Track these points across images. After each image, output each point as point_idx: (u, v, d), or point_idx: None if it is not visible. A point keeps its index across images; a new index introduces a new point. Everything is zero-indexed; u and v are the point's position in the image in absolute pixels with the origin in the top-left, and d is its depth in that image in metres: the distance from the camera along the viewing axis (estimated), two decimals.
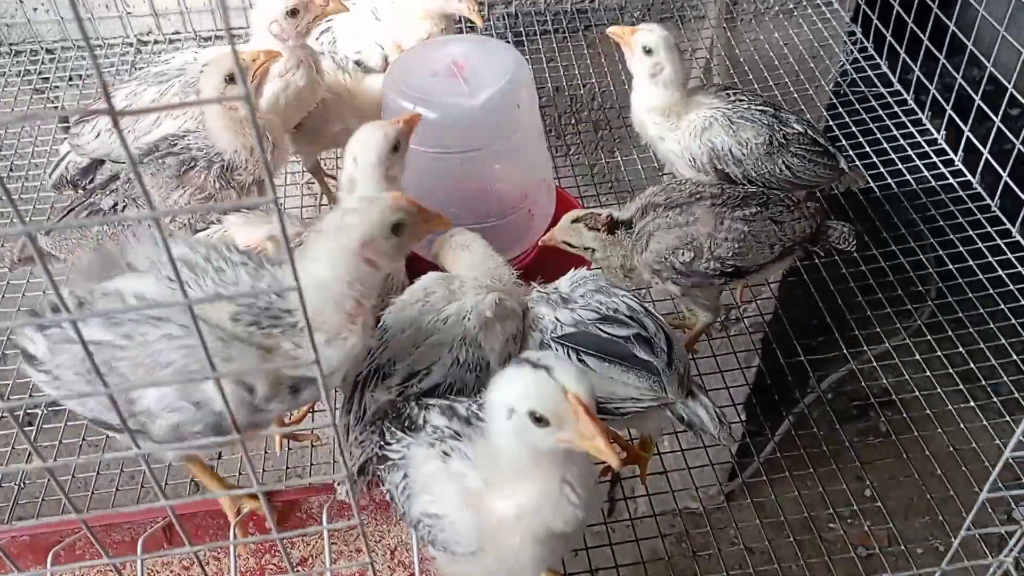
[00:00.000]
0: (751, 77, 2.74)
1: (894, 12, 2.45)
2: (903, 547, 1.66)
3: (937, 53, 2.28)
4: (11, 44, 2.73)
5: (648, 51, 1.91)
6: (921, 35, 2.33)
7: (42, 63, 2.71)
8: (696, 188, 1.85)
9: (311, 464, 1.93)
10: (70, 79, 2.68)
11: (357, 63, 2.18)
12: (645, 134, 2.04)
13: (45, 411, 1.95)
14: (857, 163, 2.30)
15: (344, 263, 1.22)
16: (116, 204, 1.84)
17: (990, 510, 1.47)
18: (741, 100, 1.97)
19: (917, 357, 1.95)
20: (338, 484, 1.50)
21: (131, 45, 2.74)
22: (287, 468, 1.96)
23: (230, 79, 1.77)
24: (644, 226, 1.80)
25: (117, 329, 1.21)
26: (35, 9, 2.68)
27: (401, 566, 1.57)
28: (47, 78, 2.70)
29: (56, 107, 2.70)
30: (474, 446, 1.19)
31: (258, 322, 1.21)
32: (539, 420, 1.03)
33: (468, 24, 2.68)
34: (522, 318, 1.56)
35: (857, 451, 1.88)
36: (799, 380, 2.06)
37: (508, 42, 2.53)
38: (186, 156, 1.85)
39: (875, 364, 2.03)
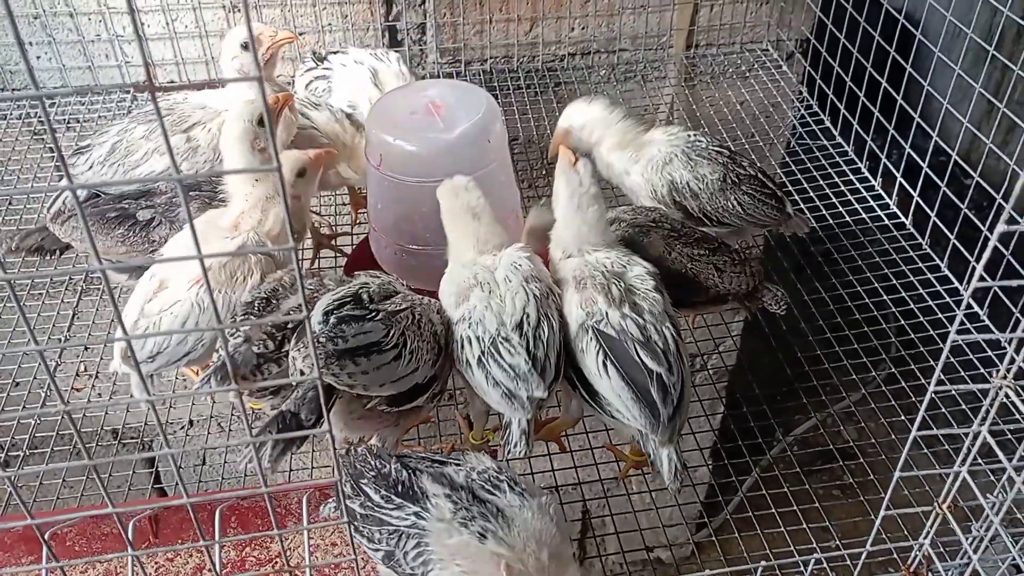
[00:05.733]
0: (709, 132, 2.96)
1: (834, 73, 2.68)
2: None
3: (872, 108, 2.50)
4: (13, 89, 2.89)
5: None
6: (858, 92, 2.55)
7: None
8: (660, 216, 1.99)
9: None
10: (67, 123, 2.84)
11: (348, 115, 2.28)
12: (613, 175, 2.21)
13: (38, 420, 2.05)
14: (803, 208, 2.49)
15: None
16: (152, 220, 1.93)
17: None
18: (700, 140, 2.16)
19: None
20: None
21: (127, 92, 2.91)
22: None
23: (260, 121, 1.84)
24: None
25: None
26: (38, 57, 2.85)
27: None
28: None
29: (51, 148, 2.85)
30: (509, 532, 1.30)
31: None
32: None
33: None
34: None
35: (822, 502, 1.92)
36: (764, 431, 2.13)
37: None
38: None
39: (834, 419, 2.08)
